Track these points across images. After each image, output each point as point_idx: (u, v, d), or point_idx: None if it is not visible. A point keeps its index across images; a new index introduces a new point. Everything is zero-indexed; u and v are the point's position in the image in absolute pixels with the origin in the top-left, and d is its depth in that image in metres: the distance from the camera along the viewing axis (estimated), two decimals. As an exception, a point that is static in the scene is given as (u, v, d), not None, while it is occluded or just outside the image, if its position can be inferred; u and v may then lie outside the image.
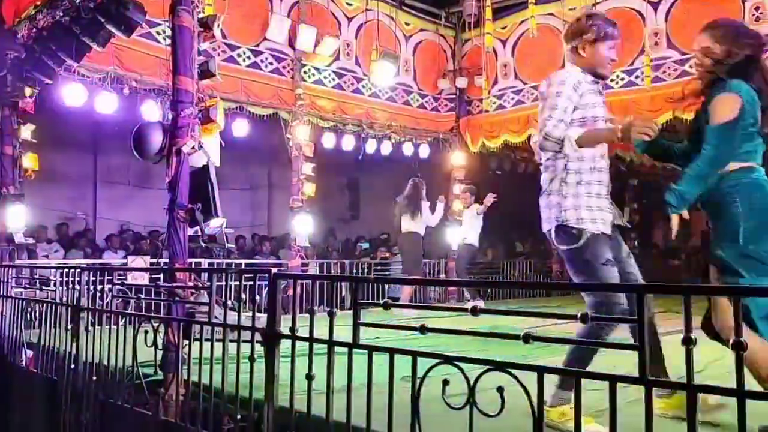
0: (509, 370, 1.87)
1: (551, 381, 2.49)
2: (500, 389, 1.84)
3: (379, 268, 10.28)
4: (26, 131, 6.23)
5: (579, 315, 1.76)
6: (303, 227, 8.27)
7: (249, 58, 7.78)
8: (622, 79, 7.83)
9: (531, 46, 8.86)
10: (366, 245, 12.43)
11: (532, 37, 8.54)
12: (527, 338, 1.82)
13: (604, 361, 2.73)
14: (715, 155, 2.61)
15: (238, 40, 7.69)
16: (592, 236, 2.87)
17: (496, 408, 1.86)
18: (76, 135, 9.93)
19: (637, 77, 7.69)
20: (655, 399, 2.49)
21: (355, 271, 9.56)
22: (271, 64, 7.99)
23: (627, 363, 2.21)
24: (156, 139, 3.69)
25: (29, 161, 6.28)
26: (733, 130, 2.61)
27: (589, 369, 2.46)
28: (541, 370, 1.77)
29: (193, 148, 3.62)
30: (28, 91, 5.69)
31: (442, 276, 10.06)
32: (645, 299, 1.58)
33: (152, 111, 6.53)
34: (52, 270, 5.42)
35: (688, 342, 1.50)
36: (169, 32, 3.94)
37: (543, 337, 1.83)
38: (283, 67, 8.11)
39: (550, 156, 3.00)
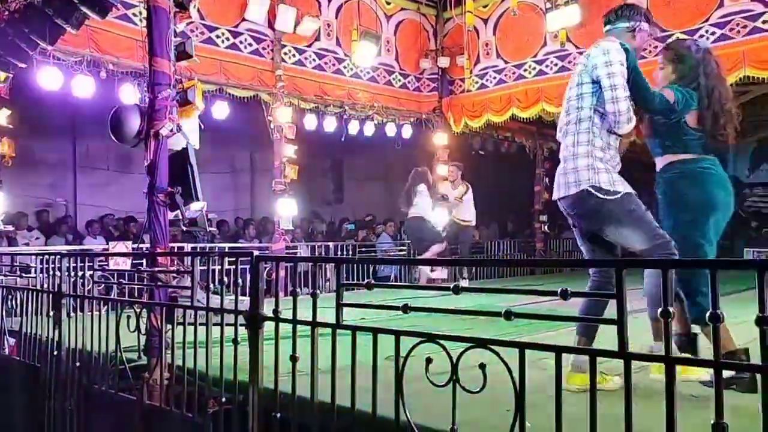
0: (491, 347, 1.89)
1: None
2: (482, 366, 1.86)
3: (363, 249, 10.29)
4: (2, 117, 6.13)
5: (559, 291, 1.77)
6: (286, 210, 8.24)
7: (228, 39, 7.69)
8: (604, 57, 7.83)
9: (512, 25, 8.83)
10: (352, 226, 12.44)
11: (513, 16, 8.50)
12: (508, 315, 1.83)
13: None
14: None
15: (216, 21, 7.58)
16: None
17: (478, 385, 1.88)
18: (53, 120, 9.77)
19: (618, 54, 7.68)
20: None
21: (339, 253, 9.55)
22: (250, 45, 7.90)
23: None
24: (133, 122, 3.63)
25: (6, 147, 6.18)
26: None
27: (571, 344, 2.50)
28: (521, 347, 1.78)
29: (171, 130, 3.57)
30: (1, 75, 5.58)
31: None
32: (623, 274, 1.59)
33: (130, 94, 6.44)
34: (33, 257, 5.37)
35: (666, 315, 1.52)
36: (144, 13, 3.86)
37: (523, 313, 1.84)
38: (263, 48, 8.02)
39: (572, 120, 3.16)
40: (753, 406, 1.46)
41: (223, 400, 2.86)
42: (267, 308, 2.76)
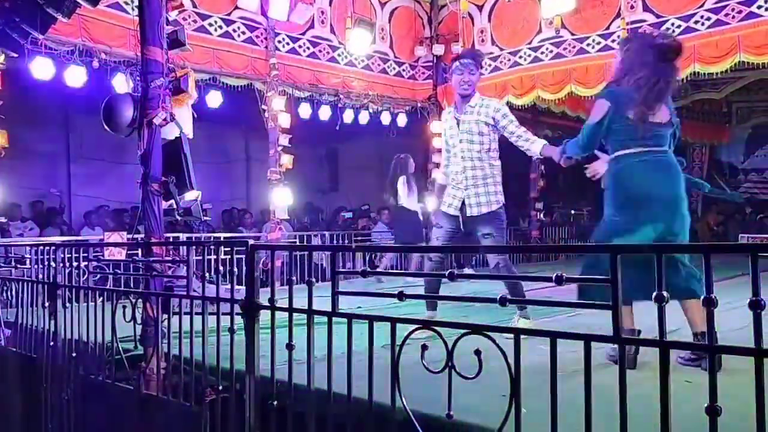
0: (486, 333, 1.89)
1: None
2: (477, 352, 1.86)
3: (359, 238, 10.29)
4: (-7, 107, 6.07)
5: (554, 276, 1.78)
6: (282, 200, 8.22)
7: (221, 27, 7.64)
8: (599, 44, 7.82)
9: (507, 12, 8.80)
10: (349, 215, 12.46)
11: (508, 2, 8.47)
12: (503, 301, 1.84)
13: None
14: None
15: (209, 9, 7.53)
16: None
17: (474, 371, 1.88)
18: (46, 110, 9.73)
19: (613, 41, 7.66)
20: None
21: (335, 241, 9.55)
22: (243, 33, 7.85)
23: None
24: (126, 112, 3.61)
25: (-2, 138, 6.13)
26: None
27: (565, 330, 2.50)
28: (516, 332, 1.79)
29: (164, 119, 3.55)
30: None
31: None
32: (618, 260, 1.59)
33: (123, 83, 6.41)
34: (27, 248, 5.35)
35: (660, 299, 1.52)
36: (136, 1, 3.83)
37: (518, 299, 1.84)
38: (257, 37, 7.98)
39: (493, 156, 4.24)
40: (747, 391, 1.46)
41: (220, 388, 2.87)
42: (263, 297, 2.76)
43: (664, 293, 1.53)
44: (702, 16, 6.88)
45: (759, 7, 6.52)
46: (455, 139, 4.27)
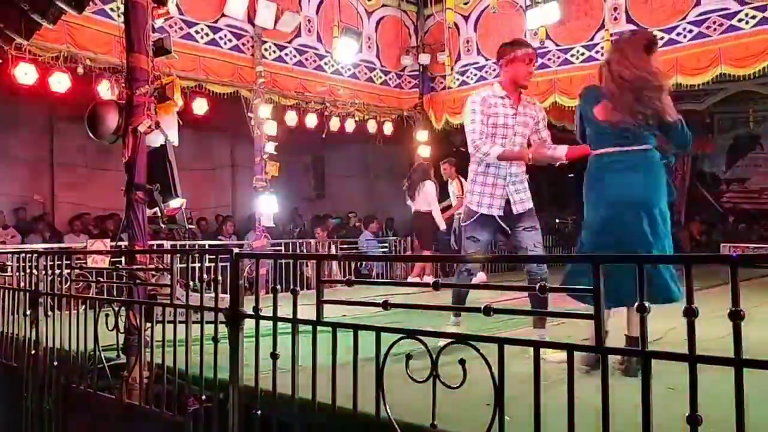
0: (470, 342, 1.90)
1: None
2: (462, 361, 1.87)
3: (345, 246, 10.27)
4: (-24, 113, 6.02)
5: (537, 287, 1.79)
6: (267, 207, 8.20)
7: (207, 35, 7.62)
8: (582, 54, 7.90)
9: (492, 22, 8.87)
10: (337, 221, 12.46)
11: (493, 13, 8.53)
12: (487, 311, 1.84)
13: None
14: None
15: (195, 17, 7.52)
16: None
17: (459, 380, 1.89)
18: (30, 116, 9.65)
19: (597, 52, 7.76)
20: None
21: (320, 250, 9.53)
22: (230, 41, 7.85)
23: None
24: (111, 119, 3.59)
25: (-20, 144, 6.08)
26: None
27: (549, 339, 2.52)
28: (501, 342, 1.80)
29: (149, 127, 3.53)
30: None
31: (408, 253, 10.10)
32: (601, 269, 1.61)
33: (108, 90, 6.37)
34: (9, 255, 5.29)
35: (642, 309, 1.54)
36: (122, 8, 3.82)
37: (502, 309, 1.85)
38: (243, 44, 7.97)
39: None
40: (728, 398, 1.48)
41: (204, 398, 2.85)
42: (247, 305, 2.75)
43: (646, 304, 1.55)
44: (684, 29, 6.98)
45: (740, 20, 6.63)
46: (509, 130, 3.88)
